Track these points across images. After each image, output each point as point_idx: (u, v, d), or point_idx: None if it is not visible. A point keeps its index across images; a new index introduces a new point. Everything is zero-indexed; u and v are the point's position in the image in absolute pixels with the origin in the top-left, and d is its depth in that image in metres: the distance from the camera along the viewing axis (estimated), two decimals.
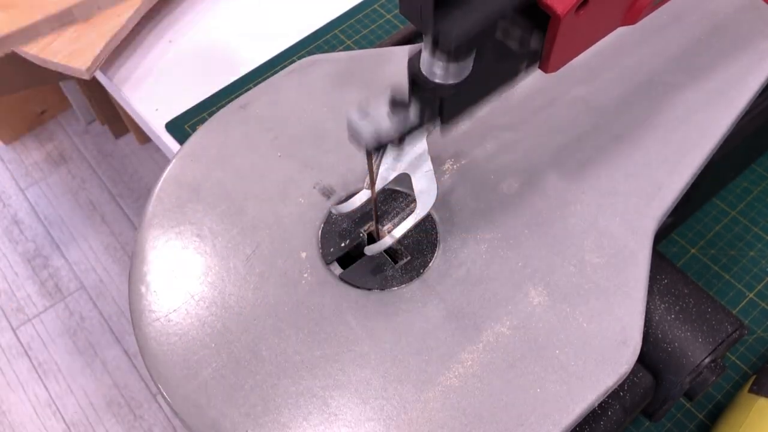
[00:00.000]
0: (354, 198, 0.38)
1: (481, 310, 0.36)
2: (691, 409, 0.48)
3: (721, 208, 0.55)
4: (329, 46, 0.65)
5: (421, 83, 0.30)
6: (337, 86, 0.45)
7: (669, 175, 0.39)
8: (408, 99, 0.31)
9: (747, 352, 0.49)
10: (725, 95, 0.42)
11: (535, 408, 0.33)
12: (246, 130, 0.44)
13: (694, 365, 0.38)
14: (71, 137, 1.53)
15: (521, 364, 0.34)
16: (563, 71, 0.33)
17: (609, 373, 0.33)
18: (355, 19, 0.66)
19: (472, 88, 0.30)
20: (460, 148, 0.41)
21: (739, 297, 0.51)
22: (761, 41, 0.44)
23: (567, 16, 0.29)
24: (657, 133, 0.41)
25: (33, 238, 1.35)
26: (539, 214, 0.39)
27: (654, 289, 0.39)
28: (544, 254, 0.37)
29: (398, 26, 0.65)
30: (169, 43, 0.65)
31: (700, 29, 0.45)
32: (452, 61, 0.29)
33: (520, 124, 0.42)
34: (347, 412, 0.33)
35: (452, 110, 0.31)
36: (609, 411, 0.38)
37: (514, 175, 0.40)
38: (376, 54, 0.47)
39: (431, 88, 0.30)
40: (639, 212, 0.38)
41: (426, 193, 0.37)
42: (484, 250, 0.38)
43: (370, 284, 0.37)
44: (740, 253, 0.53)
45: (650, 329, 0.38)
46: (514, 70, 0.32)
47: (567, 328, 0.35)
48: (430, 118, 0.32)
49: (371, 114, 0.31)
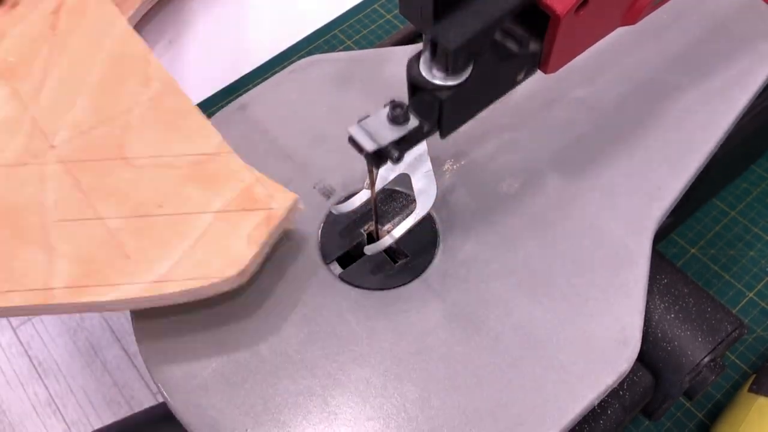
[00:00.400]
0: (354, 198, 0.38)
1: (481, 310, 0.36)
2: (690, 408, 0.48)
3: (721, 208, 0.55)
4: (329, 46, 0.65)
5: (420, 84, 0.30)
6: (337, 86, 0.45)
7: (669, 175, 0.39)
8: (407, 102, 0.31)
9: (747, 351, 0.49)
10: (725, 95, 0.42)
11: (535, 408, 0.33)
12: (245, 131, 0.44)
13: (694, 364, 0.38)
14: None
15: (521, 364, 0.34)
16: (563, 71, 0.33)
17: (609, 373, 0.33)
18: (355, 19, 0.66)
19: (472, 90, 0.30)
20: (460, 148, 0.42)
21: (739, 296, 0.51)
22: (761, 41, 0.44)
23: (567, 16, 0.29)
24: (657, 133, 0.41)
25: None
26: (539, 214, 0.39)
27: (654, 289, 0.39)
28: (544, 254, 0.37)
29: (398, 26, 0.65)
30: (169, 43, 0.65)
31: (700, 29, 0.45)
32: (452, 63, 0.29)
33: (520, 124, 0.42)
34: (347, 411, 0.33)
35: (452, 113, 0.31)
36: (609, 410, 0.38)
37: (514, 175, 0.40)
38: (376, 54, 0.47)
39: (431, 89, 0.30)
40: (639, 212, 0.38)
41: (426, 193, 0.37)
42: (484, 250, 0.38)
43: (370, 284, 0.37)
44: (740, 253, 0.53)
45: (650, 328, 0.38)
46: (514, 71, 0.32)
47: (567, 328, 0.35)
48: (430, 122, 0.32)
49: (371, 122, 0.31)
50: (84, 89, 0.40)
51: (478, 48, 0.29)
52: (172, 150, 0.37)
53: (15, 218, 0.36)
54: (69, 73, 0.41)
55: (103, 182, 0.37)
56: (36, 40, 0.42)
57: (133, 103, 0.39)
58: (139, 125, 0.39)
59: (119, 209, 0.36)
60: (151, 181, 0.36)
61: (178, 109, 0.39)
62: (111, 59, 0.42)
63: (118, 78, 0.41)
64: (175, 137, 0.38)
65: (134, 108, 0.39)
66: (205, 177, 0.36)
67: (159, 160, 0.37)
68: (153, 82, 0.40)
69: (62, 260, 0.34)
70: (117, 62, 0.41)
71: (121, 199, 0.36)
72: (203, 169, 0.37)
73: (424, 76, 0.30)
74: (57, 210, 0.36)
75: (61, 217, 0.35)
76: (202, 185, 0.36)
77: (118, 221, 0.35)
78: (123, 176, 0.37)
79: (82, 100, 0.40)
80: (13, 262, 0.34)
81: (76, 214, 0.35)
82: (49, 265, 0.34)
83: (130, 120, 0.39)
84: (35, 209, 0.36)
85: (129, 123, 0.39)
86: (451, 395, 0.33)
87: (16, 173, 0.37)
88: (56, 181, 0.36)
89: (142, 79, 0.40)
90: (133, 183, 0.36)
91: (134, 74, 0.41)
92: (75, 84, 0.41)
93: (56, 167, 0.37)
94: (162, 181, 0.36)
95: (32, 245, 0.34)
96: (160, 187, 0.36)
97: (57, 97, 0.40)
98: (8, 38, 0.42)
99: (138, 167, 0.37)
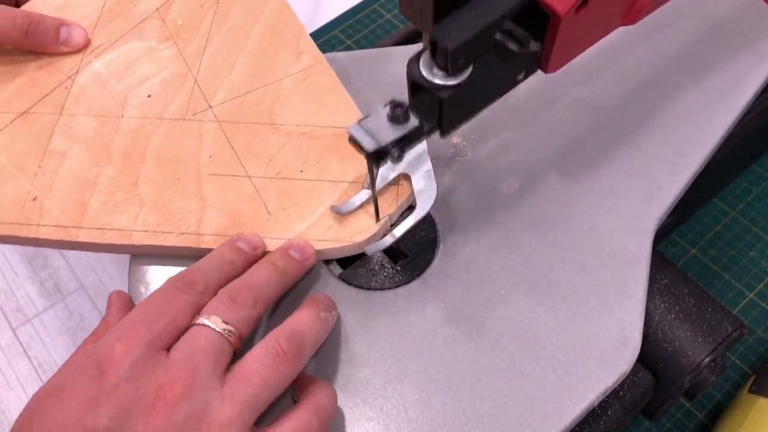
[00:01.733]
0: (354, 198, 0.38)
1: (481, 310, 0.36)
2: (691, 408, 0.48)
3: (721, 208, 0.55)
4: (329, 45, 0.65)
5: (420, 84, 0.30)
6: None
7: (669, 175, 0.39)
8: (407, 102, 0.31)
9: (747, 352, 0.49)
10: (725, 95, 0.42)
11: (535, 408, 0.33)
12: None
13: (694, 365, 0.38)
14: None
15: (521, 364, 0.34)
16: (563, 71, 0.33)
17: (609, 373, 0.33)
18: (355, 19, 0.66)
19: (472, 89, 0.30)
20: (460, 148, 0.42)
21: (739, 297, 0.51)
22: (761, 41, 0.44)
23: (567, 15, 0.29)
24: (657, 133, 0.41)
25: None
26: (539, 215, 0.39)
27: (654, 289, 0.39)
28: (544, 254, 0.37)
29: (398, 26, 0.65)
30: None
31: (701, 29, 0.45)
32: (451, 63, 0.29)
33: (520, 124, 0.42)
34: (347, 411, 0.33)
35: (452, 112, 0.31)
36: (609, 410, 0.38)
37: (514, 175, 0.40)
38: (376, 54, 0.47)
39: (431, 88, 0.30)
40: (639, 212, 0.38)
41: (426, 193, 0.37)
42: (484, 250, 0.38)
43: (369, 284, 0.37)
44: (740, 254, 0.53)
45: (650, 329, 0.38)
46: (514, 71, 0.32)
47: (567, 328, 0.35)
48: (431, 121, 0.31)
49: (371, 121, 0.31)
50: (241, 56, 0.44)
51: (478, 48, 0.29)
52: (317, 121, 0.41)
53: (176, 167, 0.39)
54: (229, 39, 0.45)
55: (253, 143, 0.40)
56: (202, 5, 0.46)
57: (284, 74, 0.43)
58: (288, 95, 0.42)
59: (265, 170, 0.39)
60: (295, 147, 0.40)
61: (325, 84, 0.42)
62: (267, 30, 0.45)
63: (272, 49, 0.44)
64: (321, 110, 0.41)
65: (285, 78, 0.43)
66: (344, 150, 0.39)
67: (304, 128, 0.41)
68: (304, 56, 0.44)
69: (212, 210, 0.38)
70: (272, 34, 0.45)
71: (266, 160, 0.39)
72: (343, 143, 0.39)
73: (425, 76, 0.30)
74: (211, 164, 0.39)
75: (214, 171, 0.39)
76: (339, 157, 0.39)
77: (263, 181, 0.39)
78: (270, 140, 0.40)
79: (239, 65, 0.43)
80: (171, 206, 0.38)
81: (226, 170, 0.39)
82: (200, 213, 0.38)
83: (281, 89, 0.42)
84: (193, 161, 0.39)
85: (279, 91, 0.42)
86: (451, 396, 0.33)
87: (180, 127, 0.41)
88: (212, 138, 0.40)
89: (294, 52, 0.44)
90: (279, 147, 0.40)
91: (287, 47, 0.44)
92: (234, 51, 0.44)
93: (213, 125, 0.41)
94: (305, 149, 0.40)
95: (188, 193, 0.38)
96: (302, 154, 0.40)
97: (217, 61, 0.44)
98: (177, 3, 0.46)
99: (284, 133, 0.40)
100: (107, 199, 0.38)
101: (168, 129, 0.41)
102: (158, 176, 0.39)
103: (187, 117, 0.41)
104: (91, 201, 0.38)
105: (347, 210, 0.38)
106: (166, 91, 0.42)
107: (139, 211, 0.38)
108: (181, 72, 0.43)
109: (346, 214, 0.37)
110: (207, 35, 0.44)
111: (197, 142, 0.40)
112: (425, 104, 0.31)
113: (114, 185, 0.39)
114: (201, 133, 0.40)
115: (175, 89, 0.42)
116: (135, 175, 0.39)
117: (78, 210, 0.38)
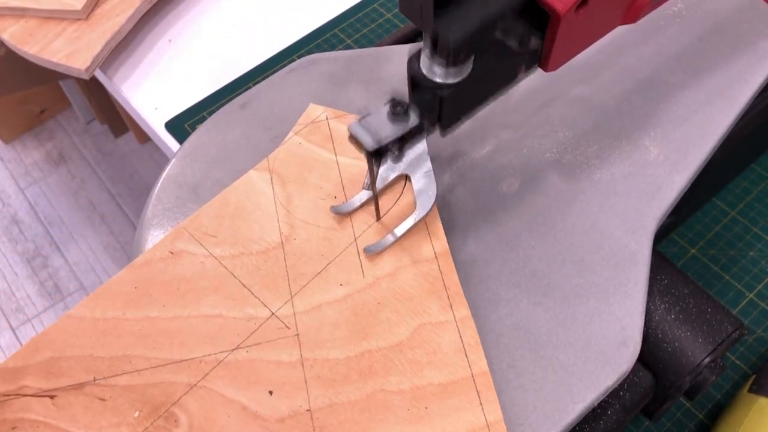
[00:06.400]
0: (354, 198, 0.38)
1: (481, 310, 0.36)
2: (691, 408, 0.48)
3: (721, 208, 0.55)
4: (329, 45, 0.65)
5: (421, 82, 0.30)
6: (337, 85, 0.45)
7: (669, 175, 0.39)
8: (408, 100, 0.31)
9: (747, 352, 0.49)
10: (725, 95, 0.42)
11: (535, 408, 0.33)
12: (246, 129, 0.44)
13: (694, 365, 0.38)
14: (71, 136, 1.53)
15: (521, 364, 0.34)
16: (563, 70, 0.33)
17: (609, 373, 0.33)
18: (355, 18, 0.66)
19: (472, 87, 0.30)
20: (460, 148, 0.41)
21: (739, 297, 0.51)
22: (761, 41, 0.44)
23: (567, 14, 0.29)
24: (657, 133, 0.41)
25: (32, 237, 1.35)
26: (539, 214, 0.39)
27: (654, 289, 0.39)
28: (544, 254, 0.37)
29: (398, 25, 0.65)
30: (169, 42, 0.65)
31: (701, 28, 0.45)
32: (451, 62, 0.29)
33: (520, 123, 0.42)
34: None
35: (452, 110, 0.31)
36: (609, 410, 0.38)
37: (514, 175, 0.40)
38: (376, 53, 0.47)
39: (431, 87, 0.30)
40: (639, 212, 0.38)
41: (425, 193, 0.37)
42: (484, 250, 0.38)
43: None
44: (740, 254, 0.53)
45: (650, 329, 0.38)
46: (514, 69, 0.32)
47: (567, 328, 0.35)
48: (431, 120, 0.31)
49: (371, 120, 0.31)
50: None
51: (479, 44, 0.29)
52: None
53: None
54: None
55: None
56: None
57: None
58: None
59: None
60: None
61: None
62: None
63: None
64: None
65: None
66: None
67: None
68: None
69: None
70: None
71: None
72: None
73: (425, 74, 0.30)
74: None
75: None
76: None
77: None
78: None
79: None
80: None
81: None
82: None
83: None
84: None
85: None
86: None
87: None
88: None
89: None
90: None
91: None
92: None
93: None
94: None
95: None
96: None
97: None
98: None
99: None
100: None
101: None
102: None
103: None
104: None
105: (347, 210, 0.38)
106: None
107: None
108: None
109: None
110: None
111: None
112: (425, 102, 0.31)
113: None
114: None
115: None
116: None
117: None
